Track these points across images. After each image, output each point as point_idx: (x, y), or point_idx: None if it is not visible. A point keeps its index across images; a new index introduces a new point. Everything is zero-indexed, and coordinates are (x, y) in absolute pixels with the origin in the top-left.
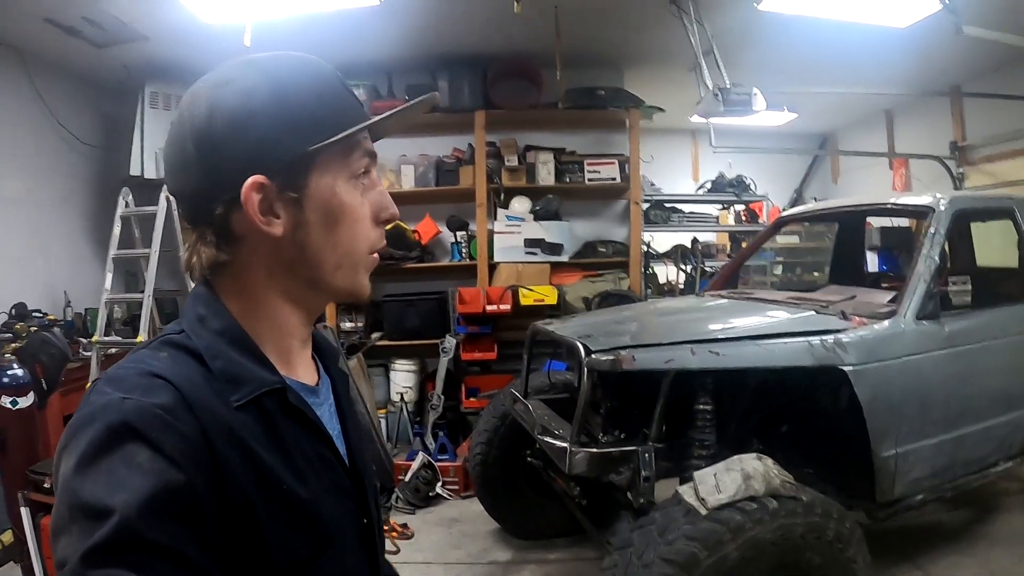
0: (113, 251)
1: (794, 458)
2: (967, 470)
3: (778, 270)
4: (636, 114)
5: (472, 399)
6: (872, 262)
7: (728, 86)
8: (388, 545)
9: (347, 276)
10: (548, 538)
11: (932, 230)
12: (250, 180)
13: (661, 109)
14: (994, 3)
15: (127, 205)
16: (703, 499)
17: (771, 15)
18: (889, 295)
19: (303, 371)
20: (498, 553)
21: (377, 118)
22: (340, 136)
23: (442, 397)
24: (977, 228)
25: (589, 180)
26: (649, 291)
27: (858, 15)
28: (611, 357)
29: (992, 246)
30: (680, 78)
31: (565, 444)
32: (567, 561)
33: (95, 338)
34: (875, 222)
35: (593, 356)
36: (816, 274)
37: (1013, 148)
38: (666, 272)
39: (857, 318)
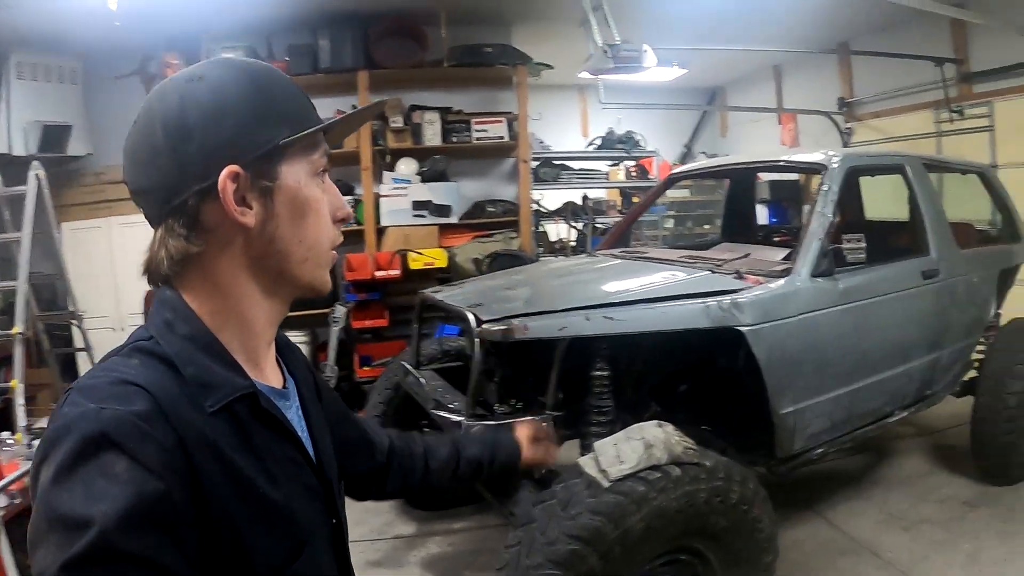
0: None
1: (694, 418)
2: (864, 421)
3: (669, 224)
4: (523, 71)
5: (366, 368)
6: (763, 216)
7: (618, 42)
8: None
9: (312, 269)
10: (453, 508)
11: (825, 188)
12: (227, 169)
13: (549, 66)
14: None
15: None
16: (605, 471)
17: None
18: (783, 252)
19: (271, 373)
20: (402, 527)
21: (338, 119)
22: (309, 131)
23: (336, 368)
24: (865, 181)
25: (476, 139)
26: (540, 250)
27: None
28: (503, 327)
29: (881, 198)
30: (569, 34)
31: (460, 418)
32: (473, 530)
33: None
34: (764, 176)
35: (484, 327)
36: (707, 227)
37: (899, 104)
38: (557, 230)
39: (752, 277)
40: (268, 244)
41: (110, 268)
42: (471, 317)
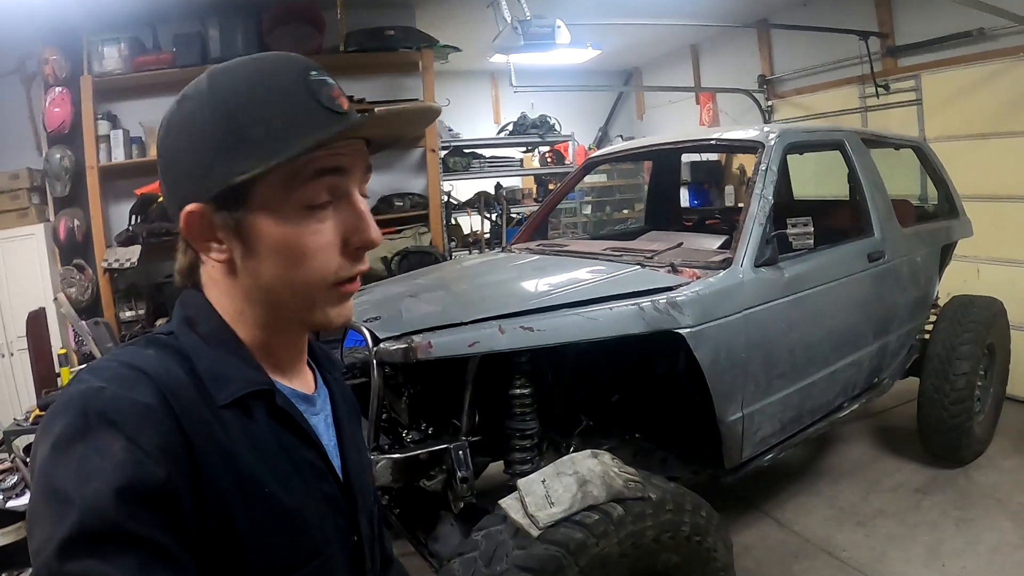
0: None
1: (628, 428)
2: (814, 418)
3: (587, 210)
4: (429, 55)
5: None
6: (683, 198)
7: (528, 18)
8: None
9: (309, 311)
10: None
11: (763, 166)
12: (185, 209)
13: (457, 48)
14: None
15: None
16: (533, 516)
17: None
18: (719, 240)
19: (298, 381)
20: None
21: (309, 144)
22: (268, 167)
23: None
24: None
25: None
26: (453, 244)
27: None
28: (403, 345)
29: (805, 177)
30: (477, 16)
31: None
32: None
33: None
34: (684, 158)
35: (382, 345)
36: (626, 211)
37: (821, 81)
38: (470, 222)
39: (688, 270)
40: (254, 281)
41: None
42: (367, 334)
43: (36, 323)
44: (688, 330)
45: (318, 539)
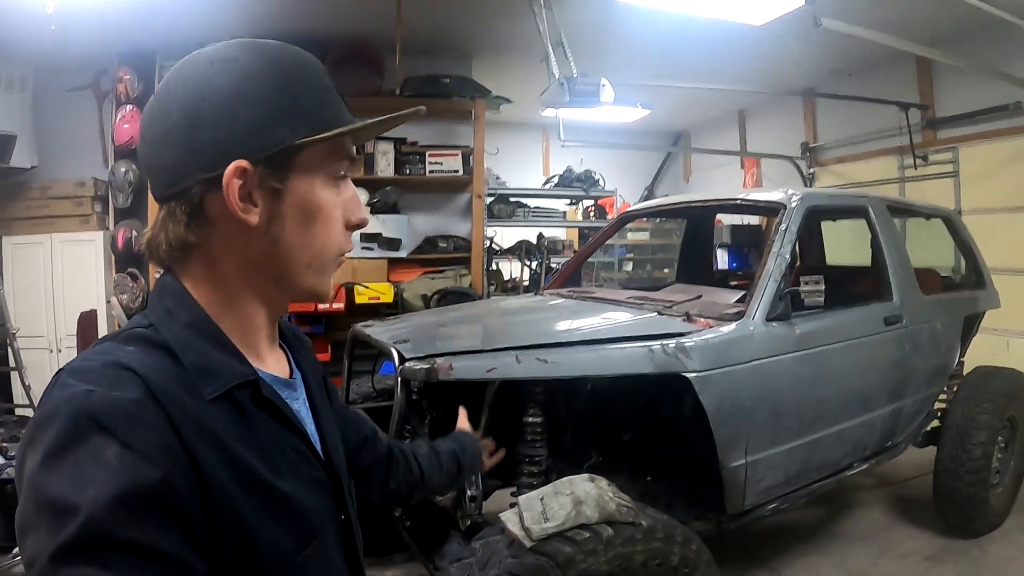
0: None
1: (638, 469)
2: (821, 474)
3: (628, 267)
4: (481, 104)
5: None
6: (722, 260)
7: (575, 75)
8: None
9: (315, 276)
10: (384, 555)
11: (783, 227)
12: (233, 164)
13: (508, 100)
14: (852, 2)
15: None
16: (528, 528)
17: (625, 6)
18: (737, 295)
19: (274, 363)
20: None
21: (367, 122)
22: (330, 134)
23: None
24: (827, 228)
25: (431, 172)
26: (492, 288)
27: (714, 10)
28: (426, 366)
29: (842, 246)
30: (531, 70)
31: None
32: None
33: None
34: (725, 220)
35: (407, 364)
36: (666, 271)
37: (862, 150)
38: (510, 268)
39: (702, 320)
40: (272, 245)
41: (49, 287)
42: (395, 354)
43: (87, 323)
44: (695, 374)
45: (313, 522)
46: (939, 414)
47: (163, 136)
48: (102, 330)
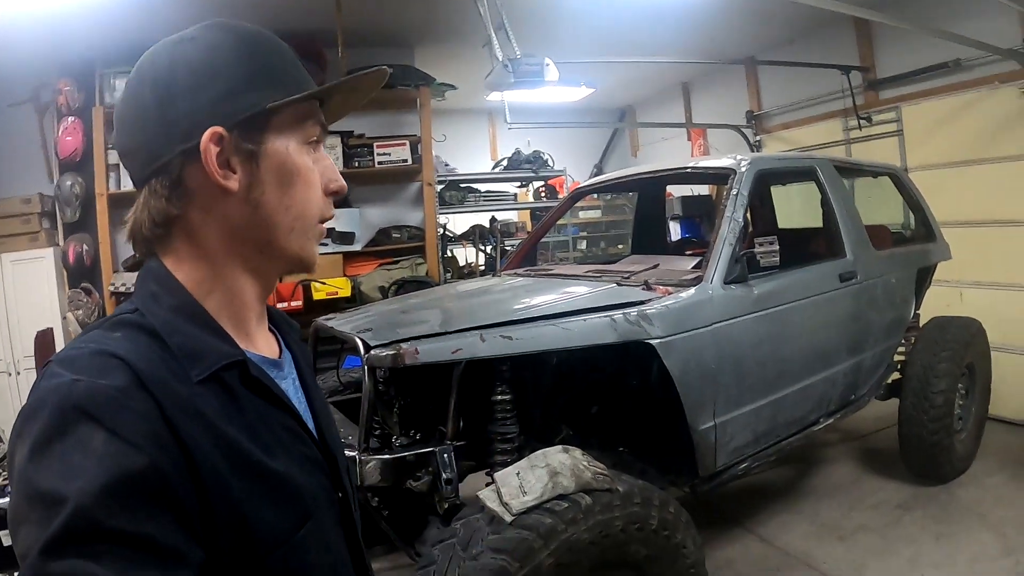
0: None
1: (610, 440)
2: (789, 431)
3: (582, 245)
4: (426, 92)
5: None
6: (675, 232)
7: (518, 56)
8: None
9: (299, 240)
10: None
11: (735, 191)
12: (209, 131)
13: (452, 86)
14: None
15: None
16: (507, 504)
17: None
18: (693, 261)
19: (263, 344)
20: None
21: (335, 82)
22: (300, 95)
23: None
24: (777, 194)
25: (379, 163)
26: (448, 275)
27: None
28: (392, 352)
29: (792, 212)
30: (474, 55)
31: (353, 453)
32: (386, 571)
33: None
34: (675, 191)
35: (373, 352)
36: (620, 247)
37: (807, 115)
38: (465, 254)
39: (661, 287)
40: (253, 211)
41: (2, 308)
42: (360, 343)
43: (44, 342)
44: (658, 340)
45: (308, 501)
46: (899, 366)
47: (138, 117)
48: (60, 347)
